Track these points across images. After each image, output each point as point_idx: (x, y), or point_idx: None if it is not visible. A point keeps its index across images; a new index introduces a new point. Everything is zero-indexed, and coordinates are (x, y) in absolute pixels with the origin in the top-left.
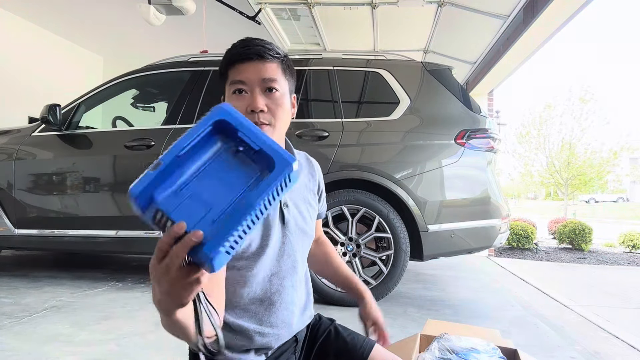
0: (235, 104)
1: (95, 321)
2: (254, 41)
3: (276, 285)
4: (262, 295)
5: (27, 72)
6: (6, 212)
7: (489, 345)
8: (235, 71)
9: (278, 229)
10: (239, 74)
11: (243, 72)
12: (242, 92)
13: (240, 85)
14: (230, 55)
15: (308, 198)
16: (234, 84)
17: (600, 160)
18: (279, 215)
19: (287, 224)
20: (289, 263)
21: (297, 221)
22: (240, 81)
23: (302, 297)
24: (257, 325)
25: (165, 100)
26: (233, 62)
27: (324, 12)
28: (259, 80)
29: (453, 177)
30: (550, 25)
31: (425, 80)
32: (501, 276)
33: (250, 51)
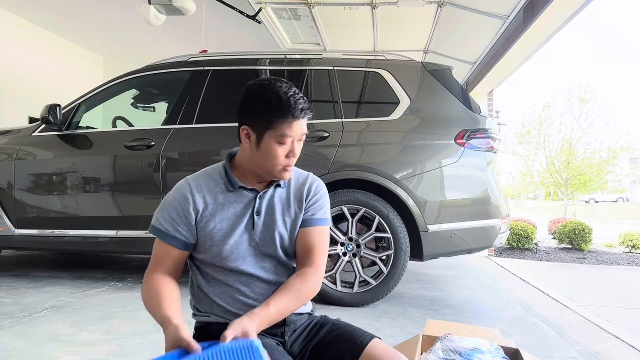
0: (277, 150)
1: (95, 321)
2: (300, 101)
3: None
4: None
5: (27, 72)
6: (6, 212)
7: (492, 345)
8: (286, 126)
9: (246, 231)
10: (289, 130)
11: (293, 129)
12: (283, 144)
13: (288, 139)
14: (281, 110)
15: (291, 212)
16: (283, 137)
17: (600, 160)
18: (248, 220)
19: (255, 229)
20: (256, 267)
21: (267, 228)
22: (290, 136)
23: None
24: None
25: (165, 100)
26: (287, 119)
27: (324, 12)
28: (300, 135)
29: (453, 177)
30: (550, 25)
31: (425, 81)
32: (501, 276)
33: (301, 114)
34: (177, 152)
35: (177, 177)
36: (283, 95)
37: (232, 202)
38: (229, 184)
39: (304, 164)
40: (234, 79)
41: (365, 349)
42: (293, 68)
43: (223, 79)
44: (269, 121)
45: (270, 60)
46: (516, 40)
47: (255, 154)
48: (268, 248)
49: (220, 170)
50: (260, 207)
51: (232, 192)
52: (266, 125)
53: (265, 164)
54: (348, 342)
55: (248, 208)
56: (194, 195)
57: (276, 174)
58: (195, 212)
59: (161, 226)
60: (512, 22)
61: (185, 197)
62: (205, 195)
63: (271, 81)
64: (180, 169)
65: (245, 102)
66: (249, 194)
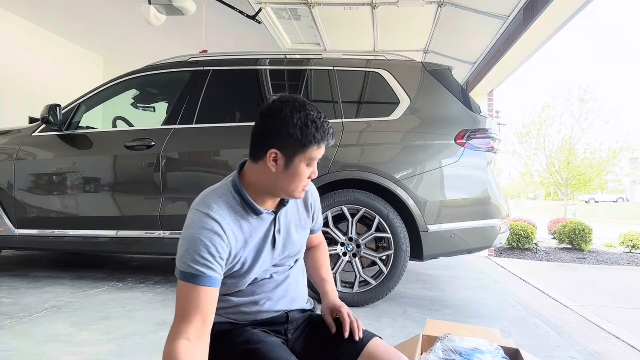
0: (305, 172)
1: (95, 321)
2: (330, 127)
3: (260, 288)
4: (250, 294)
5: (27, 72)
6: (6, 212)
7: (492, 345)
8: (317, 150)
9: (268, 251)
10: (318, 153)
11: (321, 152)
12: (310, 166)
13: (314, 162)
14: (317, 136)
15: (301, 222)
16: (312, 159)
17: (600, 160)
18: (271, 241)
19: (276, 247)
20: (273, 269)
21: (286, 243)
22: (317, 158)
23: (288, 290)
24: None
25: (166, 100)
26: (320, 143)
27: (324, 12)
28: (320, 158)
29: (453, 177)
30: (550, 25)
31: (425, 81)
32: (501, 276)
33: (331, 139)
34: (177, 152)
35: (177, 177)
36: (318, 121)
37: (256, 228)
38: (251, 211)
39: None
40: (234, 79)
41: (365, 347)
42: (293, 68)
43: (223, 79)
44: (304, 146)
45: (270, 60)
46: (516, 40)
47: (281, 176)
48: (285, 260)
49: (234, 196)
50: (279, 226)
51: (254, 217)
52: (299, 149)
53: (289, 185)
54: (349, 339)
55: (270, 230)
56: (225, 230)
57: (295, 194)
58: (228, 248)
59: (195, 270)
60: (512, 22)
61: (216, 232)
62: (232, 227)
63: (304, 105)
64: (180, 169)
65: (278, 126)
66: (269, 216)
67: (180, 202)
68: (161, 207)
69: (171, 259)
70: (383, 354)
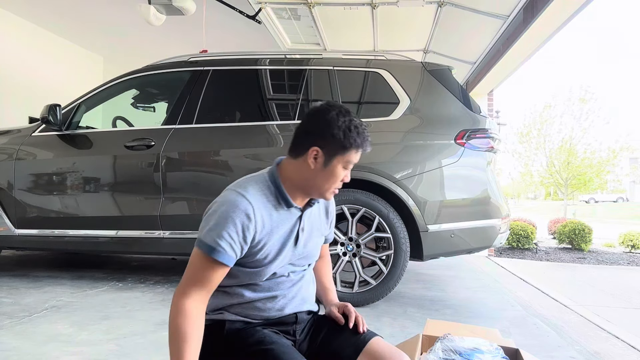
0: (340, 174)
1: (95, 321)
2: (369, 135)
3: (277, 285)
4: (267, 291)
5: (27, 72)
6: (6, 212)
7: (492, 345)
8: (356, 155)
9: (291, 247)
10: (355, 158)
11: (357, 158)
12: (346, 169)
13: (350, 165)
14: (357, 141)
15: (321, 227)
16: (349, 162)
17: (600, 160)
18: (295, 238)
19: (298, 245)
20: (291, 268)
21: (306, 244)
22: (353, 162)
23: (301, 290)
24: (260, 313)
25: (166, 100)
26: (359, 148)
27: (324, 12)
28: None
29: (453, 177)
30: (550, 25)
31: (425, 81)
32: (501, 276)
33: (368, 147)
34: (177, 152)
35: (177, 177)
36: (359, 127)
37: (284, 220)
38: (283, 202)
39: None
40: (234, 79)
41: (367, 344)
42: (293, 68)
43: (223, 79)
44: (344, 148)
45: (270, 60)
46: (516, 40)
47: (318, 174)
48: (302, 260)
49: (269, 185)
50: (304, 224)
51: (284, 209)
52: (340, 150)
53: (324, 184)
54: (351, 337)
55: (295, 225)
56: (255, 215)
57: (327, 194)
58: (254, 232)
59: (215, 244)
60: (512, 22)
61: (247, 214)
62: (263, 213)
63: (348, 112)
64: (180, 169)
65: (324, 128)
66: (297, 212)
67: (180, 202)
68: (161, 207)
69: (171, 259)
70: (385, 352)
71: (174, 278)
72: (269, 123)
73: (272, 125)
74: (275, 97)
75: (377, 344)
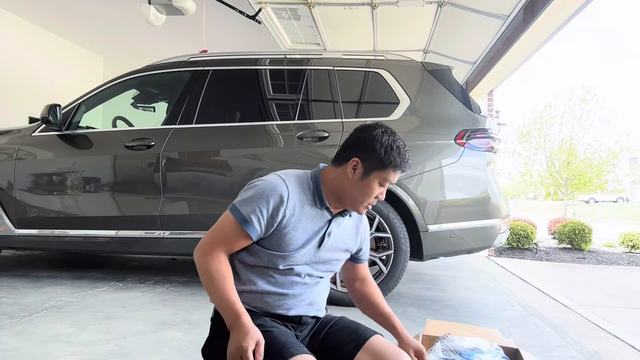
0: (375, 189)
1: (95, 321)
2: (410, 158)
3: (291, 284)
4: (280, 286)
5: (27, 72)
6: (6, 212)
7: (492, 345)
8: (393, 174)
9: (314, 246)
10: (393, 177)
11: (395, 177)
12: (382, 186)
13: (388, 183)
14: (397, 161)
15: (348, 243)
16: (385, 180)
17: (600, 160)
18: (320, 238)
19: (322, 248)
20: (309, 271)
21: (329, 250)
22: (390, 181)
23: (311, 295)
24: (267, 308)
25: (166, 100)
26: (398, 168)
27: (324, 12)
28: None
29: (453, 177)
30: (550, 25)
31: (425, 81)
32: (501, 276)
33: (407, 168)
34: (177, 152)
35: (177, 177)
36: (402, 149)
37: (314, 217)
38: (318, 200)
39: (304, 164)
40: (234, 79)
41: (367, 341)
42: (293, 68)
43: (223, 79)
44: (383, 164)
45: (270, 60)
46: (516, 40)
47: (354, 185)
48: (322, 265)
49: (309, 182)
50: (331, 230)
51: (317, 208)
52: (379, 166)
53: (358, 196)
54: (352, 334)
55: (323, 227)
56: (289, 197)
57: (359, 207)
58: (282, 215)
59: (247, 215)
60: (512, 22)
61: (282, 197)
62: (296, 202)
63: (394, 133)
64: (180, 169)
65: (367, 141)
66: (328, 215)
67: (180, 202)
68: (161, 207)
69: (171, 259)
70: (385, 350)
71: (174, 278)
72: (269, 123)
73: (272, 125)
74: (275, 97)
75: (377, 342)
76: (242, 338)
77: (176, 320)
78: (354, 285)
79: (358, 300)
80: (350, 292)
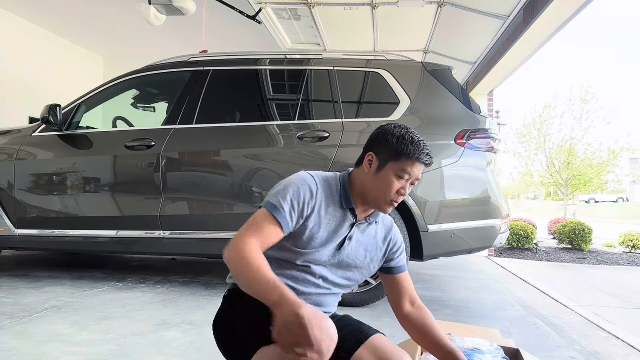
0: (393, 182)
1: (95, 321)
2: (428, 148)
3: (305, 280)
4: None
5: (27, 72)
6: (6, 212)
7: (492, 345)
8: (410, 164)
9: (334, 248)
10: (411, 168)
11: (414, 169)
12: (401, 178)
13: (406, 175)
14: (410, 148)
15: (371, 251)
16: (403, 171)
17: (600, 160)
18: (341, 241)
19: (341, 250)
20: (324, 273)
21: (349, 254)
22: (408, 173)
23: (319, 299)
24: None
25: (166, 101)
26: (412, 157)
27: (324, 12)
28: (415, 178)
29: (453, 177)
30: (550, 25)
31: (425, 81)
32: (501, 276)
33: (424, 158)
34: (177, 152)
35: (177, 177)
36: (415, 138)
37: (338, 217)
38: (344, 201)
39: (304, 164)
40: (234, 79)
41: (368, 339)
42: (293, 68)
43: (223, 79)
44: (396, 153)
45: (270, 60)
46: (516, 40)
47: (372, 180)
48: (340, 271)
49: (337, 184)
50: (353, 234)
51: (342, 209)
52: (393, 156)
53: (377, 191)
54: (354, 330)
55: (346, 230)
56: (317, 193)
57: (382, 204)
58: (311, 209)
59: (279, 205)
60: (512, 22)
61: (311, 190)
62: (323, 199)
63: (407, 127)
64: (180, 169)
65: (380, 135)
66: (352, 218)
67: (180, 202)
68: (161, 207)
69: (171, 259)
70: (386, 349)
71: (174, 278)
72: (269, 123)
73: (272, 125)
74: (275, 97)
75: (379, 340)
76: (297, 307)
77: (176, 320)
78: (403, 312)
79: (412, 327)
80: (401, 321)
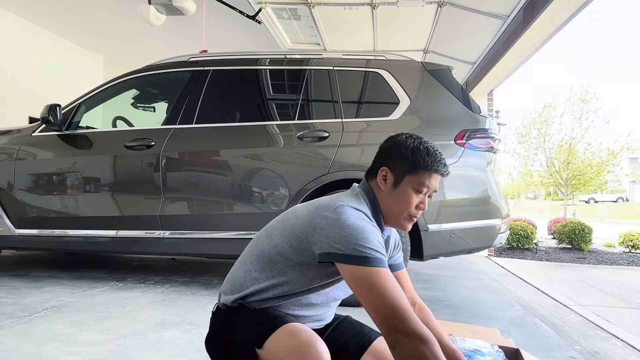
0: (412, 196)
1: (95, 321)
2: (443, 158)
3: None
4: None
5: (27, 72)
6: (6, 212)
7: (493, 347)
8: (427, 176)
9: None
10: (429, 181)
11: (432, 181)
12: (419, 192)
13: (424, 189)
14: (427, 159)
15: None
16: (421, 185)
17: (600, 160)
18: None
19: None
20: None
21: None
22: (427, 186)
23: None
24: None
25: (166, 100)
26: (430, 169)
27: (324, 12)
28: (433, 190)
29: (453, 177)
30: (550, 25)
31: (425, 81)
32: (501, 276)
33: (442, 168)
34: (177, 152)
35: (177, 177)
36: (431, 149)
37: None
38: (379, 228)
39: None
40: (234, 79)
41: (372, 343)
42: (293, 68)
43: (223, 79)
44: (413, 166)
45: (270, 60)
46: (516, 40)
47: (389, 196)
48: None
49: (369, 208)
50: None
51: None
52: (409, 170)
53: (396, 208)
54: (357, 335)
55: None
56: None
57: (401, 221)
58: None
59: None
60: (512, 22)
61: (374, 226)
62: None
63: (420, 137)
64: (180, 169)
65: (392, 147)
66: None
67: (180, 202)
68: (161, 207)
69: (171, 259)
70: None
71: (174, 278)
72: (269, 123)
73: (272, 125)
74: (275, 97)
75: (382, 345)
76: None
77: (176, 320)
78: None
79: None
80: None
